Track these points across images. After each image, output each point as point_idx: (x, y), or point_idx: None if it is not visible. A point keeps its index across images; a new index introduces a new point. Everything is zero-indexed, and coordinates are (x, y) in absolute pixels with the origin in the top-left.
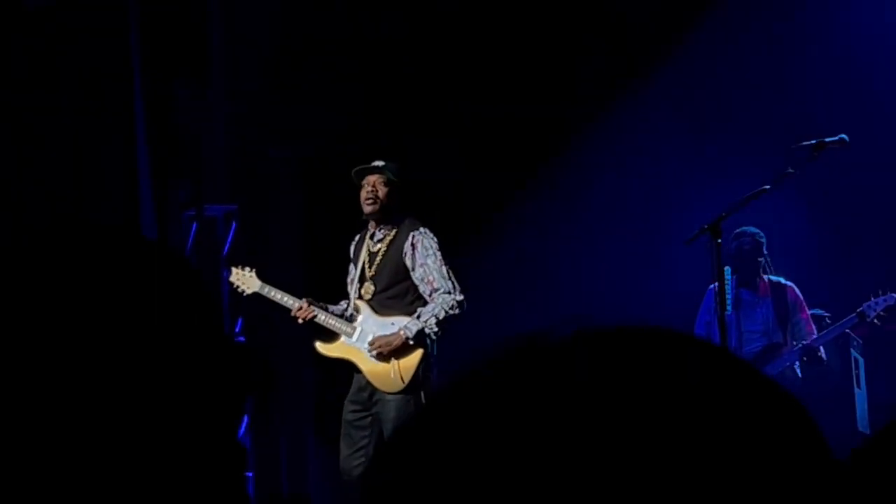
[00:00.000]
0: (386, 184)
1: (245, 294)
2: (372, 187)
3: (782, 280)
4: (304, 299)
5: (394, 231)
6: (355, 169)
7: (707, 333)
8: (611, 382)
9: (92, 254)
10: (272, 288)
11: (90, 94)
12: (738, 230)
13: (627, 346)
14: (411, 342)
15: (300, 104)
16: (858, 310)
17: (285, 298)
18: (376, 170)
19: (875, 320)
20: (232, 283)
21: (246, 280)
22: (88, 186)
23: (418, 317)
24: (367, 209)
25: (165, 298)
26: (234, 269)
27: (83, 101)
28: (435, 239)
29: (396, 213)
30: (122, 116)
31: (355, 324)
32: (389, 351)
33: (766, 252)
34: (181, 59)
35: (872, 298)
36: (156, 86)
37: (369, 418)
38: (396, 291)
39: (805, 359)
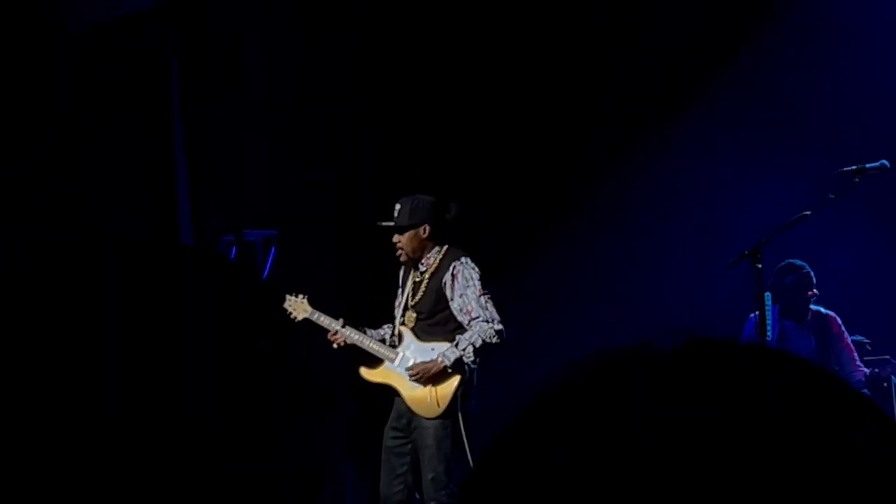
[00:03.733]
0: (404, 234)
1: (296, 320)
2: (395, 242)
3: (822, 310)
4: (339, 320)
5: (436, 261)
6: (377, 224)
7: None
8: (726, 389)
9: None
10: (321, 313)
11: (130, 119)
12: (786, 263)
13: (736, 357)
14: (449, 369)
15: (336, 128)
16: None
17: (332, 324)
18: (388, 227)
19: None
20: (285, 310)
21: (298, 306)
22: (128, 211)
23: (457, 345)
24: (400, 259)
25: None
26: (287, 297)
27: (123, 125)
28: (476, 269)
29: (435, 244)
30: (161, 142)
31: (398, 349)
32: (427, 377)
33: (814, 281)
34: (219, 86)
35: None
36: (195, 111)
37: (409, 445)
38: (438, 319)
39: (869, 387)
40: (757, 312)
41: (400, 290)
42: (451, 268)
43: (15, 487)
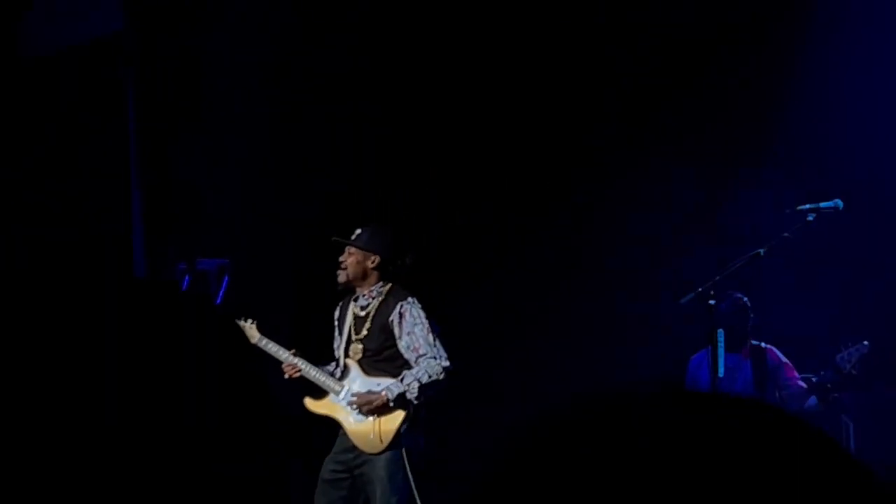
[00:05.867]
0: (353, 254)
1: None
2: (341, 261)
3: (762, 344)
4: (291, 350)
5: (379, 298)
6: (333, 239)
7: None
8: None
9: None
10: (269, 340)
11: (85, 147)
12: (724, 294)
13: (707, 408)
14: (391, 404)
15: (293, 160)
16: (833, 363)
17: (280, 352)
18: (343, 243)
19: (852, 370)
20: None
21: (246, 331)
22: (81, 238)
23: (402, 379)
24: (338, 279)
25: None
26: (237, 321)
27: (78, 152)
28: (422, 308)
29: (379, 280)
30: (116, 169)
31: (343, 382)
32: (369, 409)
33: (752, 315)
34: (176, 114)
35: (843, 350)
36: (150, 140)
37: (349, 480)
38: (386, 356)
39: (815, 392)
40: (698, 356)
41: (337, 329)
42: (398, 307)
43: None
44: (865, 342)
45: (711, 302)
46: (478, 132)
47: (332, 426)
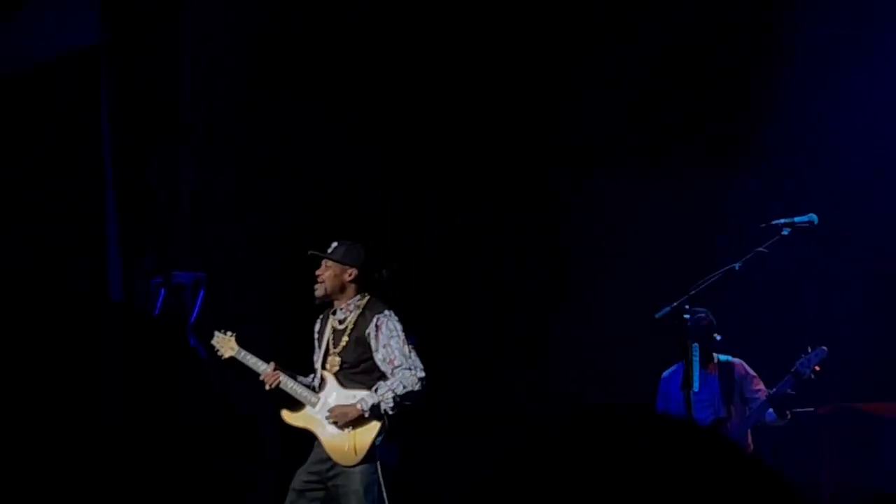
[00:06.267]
0: (331, 268)
1: (223, 357)
2: (318, 275)
3: (730, 358)
4: (270, 363)
5: (357, 312)
6: (309, 253)
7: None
8: (617, 462)
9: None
10: (247, 353)
11: (61, 162)
12: (690, 310)
13: (626, 427)
14: (366, 415)
15: (268, 173)
16: (792, 369)
17: (258, 364)
18: (320, 256)
19: (812, 376)
20: (212, 347)
21: (225, 343)
22: (57, 252)
23: (376, 390)
24: (315, 293)
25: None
26: (216, 333)
27: (53, 168)
28: (399, 321)
29: (356, 293)
30: (92, 183)
31: (320, 394)
32: (345, 422)
33: (716, 332)
34: (152, 127)
35: (803, 356)
36: (126, 153)
37: (322, 492)
38: (363, 368)
39: (773, 406)
40: (669, 371)
41: (317, 343)
42: (374, 320)
43: None
44: (824, 347)
45: (686, 316)
46: (472, 137)
47: (304, 436)
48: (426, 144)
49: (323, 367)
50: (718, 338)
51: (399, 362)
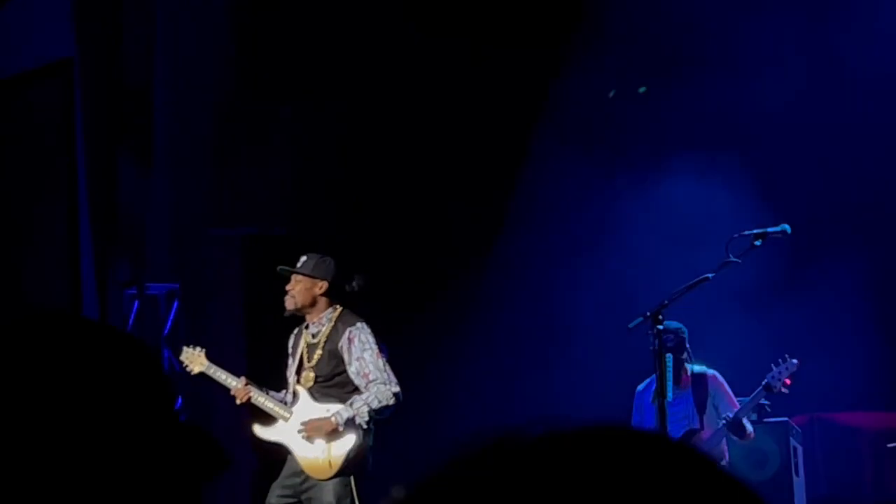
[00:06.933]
0: (301, 282)
1: (192, 373)
2: (288, 290)
3: (705, 369)
4: (241, 378)
5: (329, 325)
6: (278, 269)
7: None
8: (582, 485)
9: (52, 339)
10: (217, 368)
11: (33, 171)
12: (663, 321)
13: (597, 449)
14: (341, 427)
15: (244, 183)
16: (763, 382)
17: (229, 379)
18: (290, 272)
19: (783, 389)
20: (181, 362)
21: (195, 359)
22: (29, 262)
23: (351, 404)
24: (286, 306)
25: (121, 380)
26: (185, 348)
27: (26, 177)
28: (371, 333)
29: (328, 306)
30: (65, 194)
31: (293, 408)
32: (319, 436)
33: (688, 346)
34: (125, 136)
35: (774, 368)
36: (99, 162)
37: None
38: (336, 382)
39: (731, 432)
40: (643, 385)
41: (290, 357)
42: (346, 332)
43: None
44: (794, 360)
45: (660, 327)
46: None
47: (277, 451)
48: (399, 148)
49: (297, 382)
50: (686, 354)
51: (374, 376)
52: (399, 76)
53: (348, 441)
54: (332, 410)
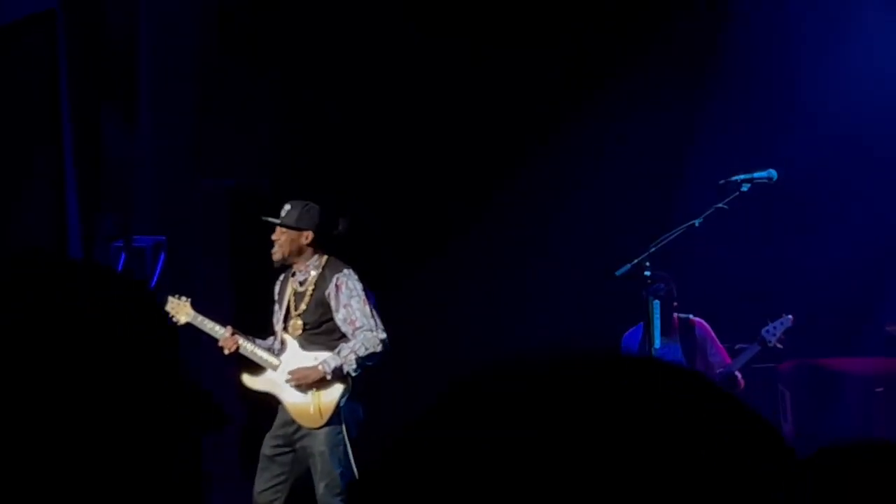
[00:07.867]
0: (285, 233)
1: (179, 323)
2: (274, 240)
3: (690, 316)
4: (227, 327)
5: (317, 272)
6: (262, 219)
7: None
8: (594, 404)
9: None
10: (204, 318)
11: (17, 124)
12: (651, 273)
13: (604, 372)
14: (328, 376)
15: (229, 134)
16: (759, 337)
17: (216, 328)
18: (273, 223)
19: (777, 344)
20: (167, 312)
21: (180, 309)
22: (14, 215)
23: (338, 352)
24: (273, 257)
25: (128, 330)
26: (170, 298)
27: (10, 129)
28: (359, 280)
29: (314, 254)
30: (50, 146)
31: (281, 357)
32: (307, 384)
33: (675, 294)
34: (110, 89)
35: (769, 322)
36: (85, 115)
37: (291, 454)
38: (324, 329)
39: (722, 384)
40: (632, 329)
41: (277, 304)
42: (334, 279)
43: None
44: (789, 315)
45: (647, 273)
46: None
47: (269, 402)
48: (324, 151)
49: (285, 330)
50: (675, 303)
51: (360, 323)
52: (399, 76)
53: (337, 389)
54: (319, 359)
